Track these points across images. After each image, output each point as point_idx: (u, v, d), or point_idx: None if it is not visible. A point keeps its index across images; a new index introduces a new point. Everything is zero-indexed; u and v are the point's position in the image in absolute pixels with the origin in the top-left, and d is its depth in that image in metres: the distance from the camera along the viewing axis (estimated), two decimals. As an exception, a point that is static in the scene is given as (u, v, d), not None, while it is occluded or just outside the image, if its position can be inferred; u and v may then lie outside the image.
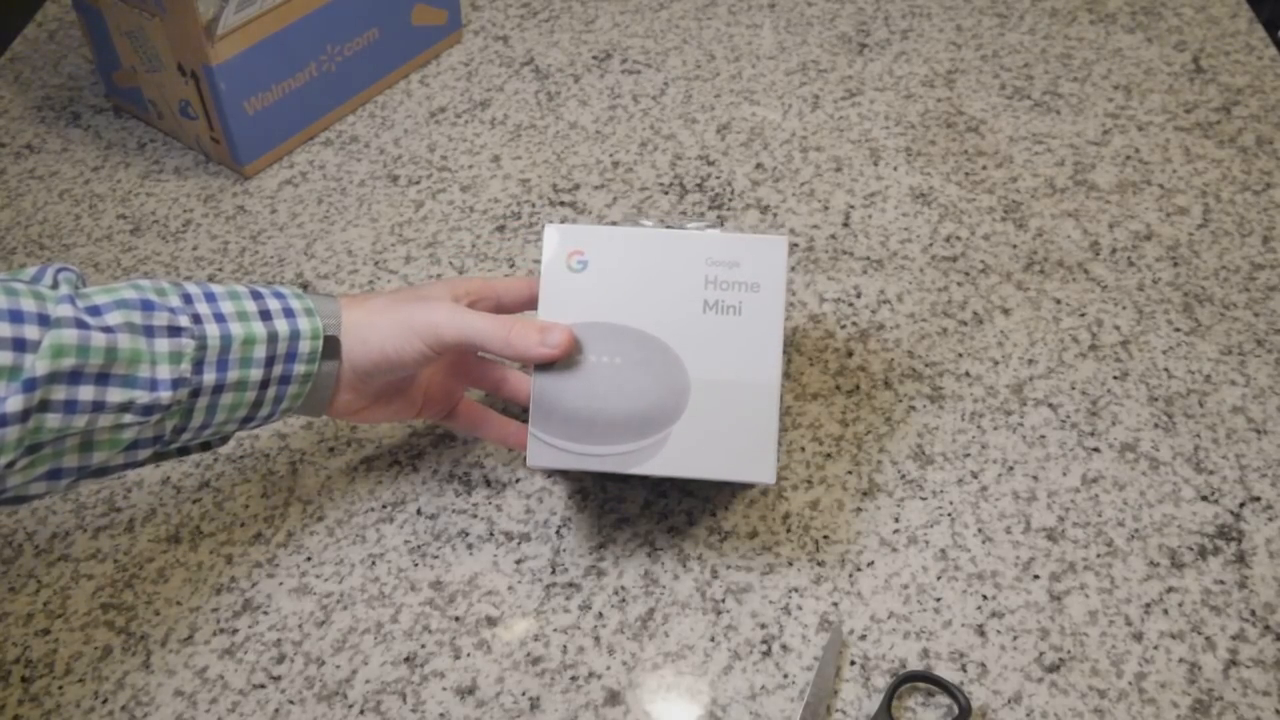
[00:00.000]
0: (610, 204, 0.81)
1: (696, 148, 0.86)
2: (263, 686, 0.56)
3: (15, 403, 0.44)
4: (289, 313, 0.52)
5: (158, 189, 0.84)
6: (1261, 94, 0.90)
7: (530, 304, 0.58)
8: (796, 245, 0.78)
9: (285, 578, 0.60)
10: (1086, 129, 0.87)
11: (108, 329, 0.46)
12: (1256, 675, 0.55)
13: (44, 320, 0.45)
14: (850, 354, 0.71)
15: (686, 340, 0.55)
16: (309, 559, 0.61)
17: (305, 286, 0.75)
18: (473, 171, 0.84)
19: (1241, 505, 0.63)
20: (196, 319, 0.49)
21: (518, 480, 0.64)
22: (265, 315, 0.51)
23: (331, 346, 0.54)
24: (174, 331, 0.48)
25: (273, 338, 0.51)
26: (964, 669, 0.56)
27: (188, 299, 0.50)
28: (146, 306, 0.48)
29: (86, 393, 0.46)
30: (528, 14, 1.00)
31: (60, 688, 0.56)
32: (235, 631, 0.58)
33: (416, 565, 0.60)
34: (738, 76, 0.92)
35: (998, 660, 0.56)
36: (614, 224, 0.79)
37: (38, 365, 0.44)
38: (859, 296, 0.74)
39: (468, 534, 0.62)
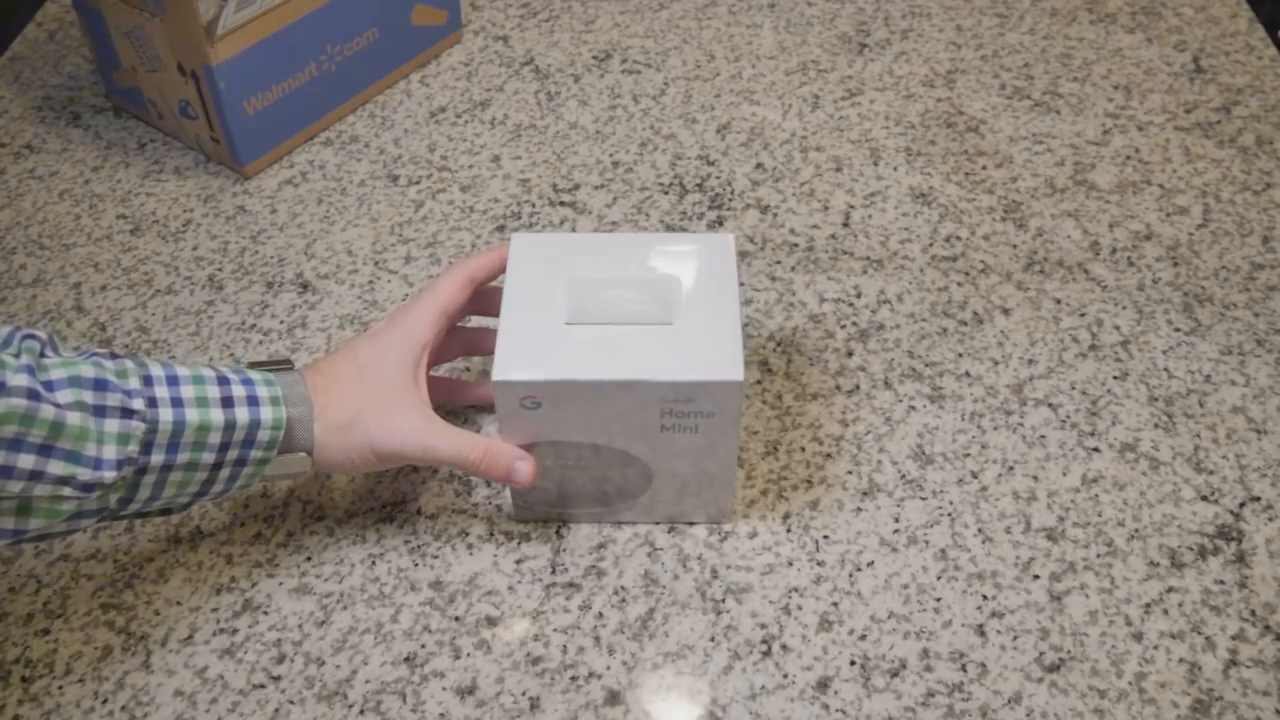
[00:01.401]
0: (610, 204, 0.81)
1: (696, 148, 0.86)
2: (263, 686, 0.56)
3: None
4: (253, 401, 0.52)
5: (158, 189, 0.84)
6: (1261, 94, 0.90)
7: (470, 293, 0.59)
8: (796, 245, 0.78)
9: (285, 578, 0.60)
10: (1086, 129, 0.87)
11: (58, 405, 0.46)
12: (1256, 675, 0.55)
13: None
14: (850, 354, 0.71)
15: (646, 449, 0.57)
16: (309, 559, 0.61)
17: (306, 285, 0.75)
18: (473, 171, 0.84)
19: (1241, 505, 0.63)
20: (152, 402, 0.49)
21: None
22: (227, 402, 0.51)
23: (303, 437, 0.54)
24: (125, 414, 0.48)
25: (229, 426, 0.51)
26: (964, 669, 0.56)
27: (148, 380, 0.50)
28: (100, 385, 0.48)
29: (26, 460, 0.45)
30: (528, 14, 1.00)
31: (60, 688, 0.56)
32: (235, 631, 0.58)
33: (416, 565, 0.60)
34: (738, 76, 0.92)
35: (998, 660, 0.56)
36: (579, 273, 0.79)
37: None
38: (859, 296, 0.74)
39: (468, 534, 0.62)
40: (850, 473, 0.64)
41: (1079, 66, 0.93)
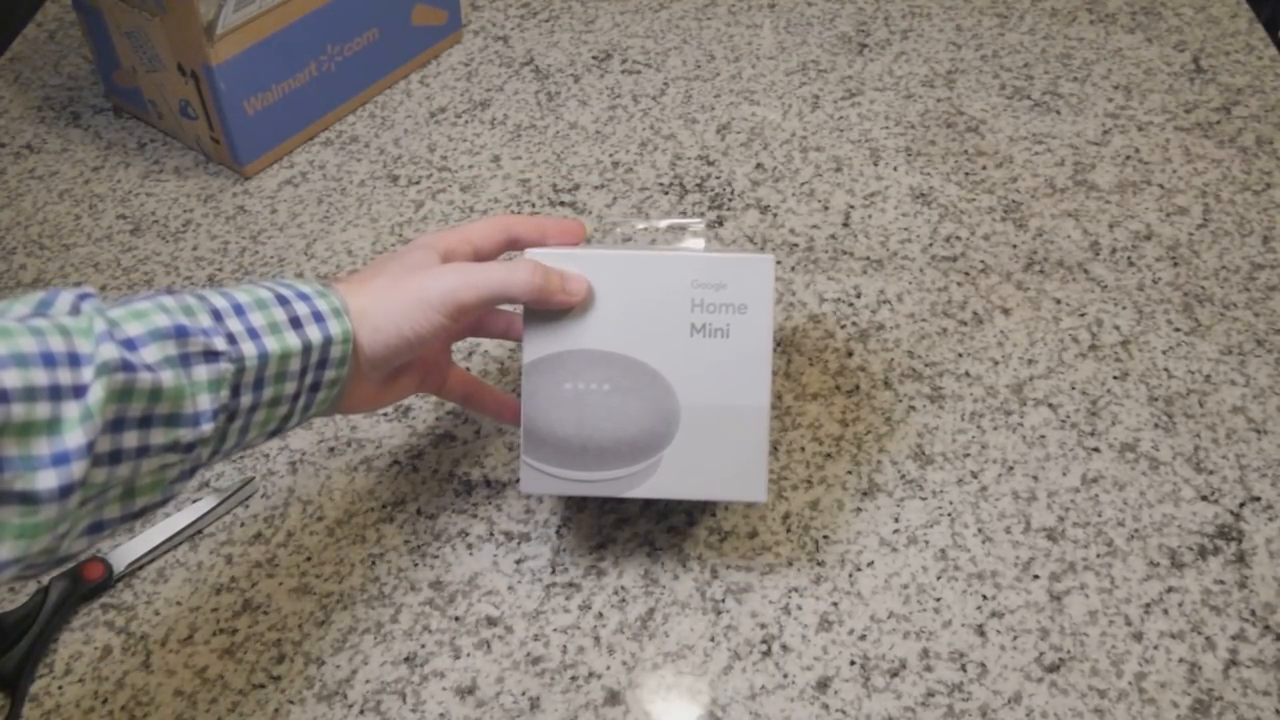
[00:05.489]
0: (610, 204, 0.81)
1: (696, 148, 0.86)
2: (263, 686, 0.56)
3: (80, 468, 0.39)
4: (318, 317, 0.49)
5: (158, 189, 0.84)
6: (1261, 94, 0.90)
7: (503, 246, 0.57)
8: (796, 245, 0.78)
9: (285, 578, 0.60)
10: (1086, 129, 0.87)
11: (149, 367, 0.42)
12: (1256, 675, 0.55)
13: (74, 360, 0.40)
14: (850, 354, 0.71)
15: (675, 365, 0.55)
16: (309, 559, 0.61)
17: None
18: (473, 171, 0.84)
19: (1241, 505, 0.63)
20: (231, 339, 0.45)
21: (518, 480, 0.64)
22: (296, 323, 0.48)
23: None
24: (210, 357, 0.44)
25: (307, 349, 0.48)
26: (964, 669, 0.56)
27: (217, 315, 0.46)
28: (180, 333, 0.44)
29: (130, 439, 0.41)
30: (528, 14, 1.00)
31: (60, 688, 0.56)
32: (235, 631, 0.58)
33: (416, 565, 0.60)
34: (738, 76, 0.92)
35: (998, 660, 0.56)
36: (601, 222, 0.79)
37: (98, 422, 0.39)
38: (859, 296, 0.74)
39: (468, 534, 0.62)
40: (850, 473, 0.64)
41: (1079, 66, 0.93)
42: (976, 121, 0.88)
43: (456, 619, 0.58)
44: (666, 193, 0.82)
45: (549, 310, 0.54)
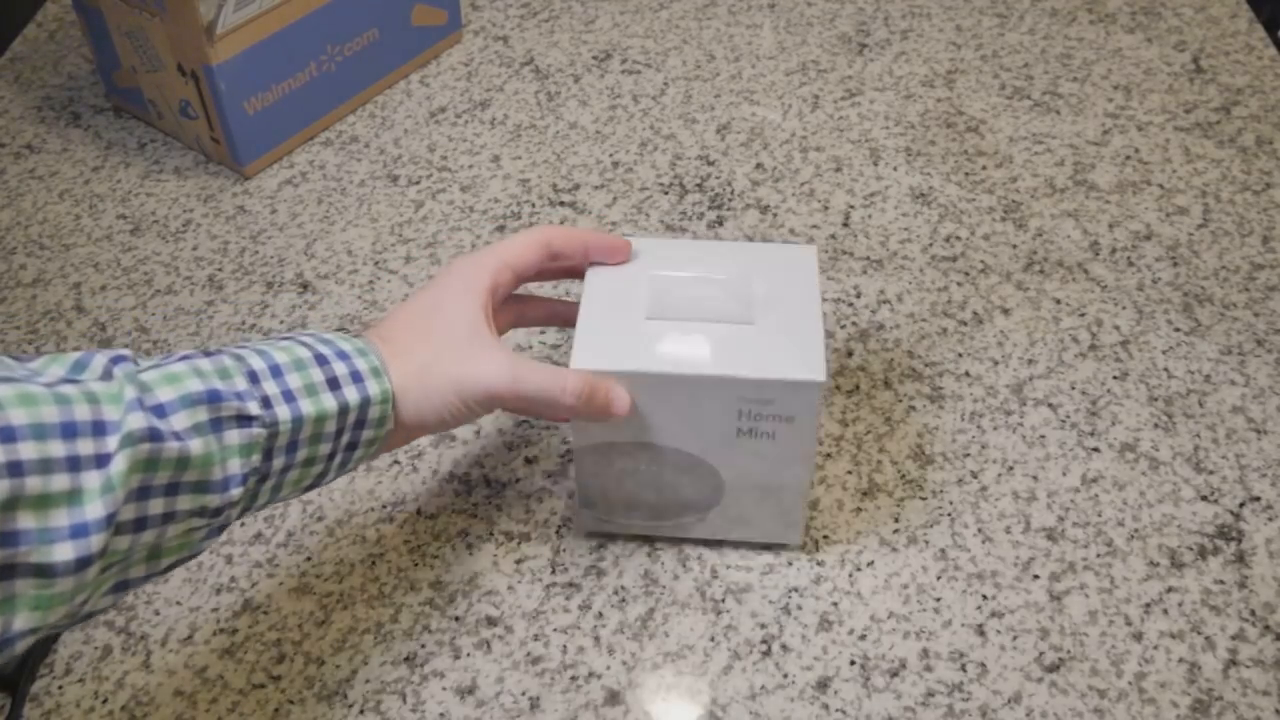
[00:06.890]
0: (610, 204, 0.81)
1: (696, 148, 0.86)
2: (263, 686, 0.56)
3: (99, 541, 0.39)
4: (356, 377, 0.48)
5: (158, 189, 0.84)
6: (1261, 94, 0.90)
7: (543, 260, 0.56)
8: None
9: (285, 578, 0.60)
10: (1086, 129, 0.87)
11: (177, 435, 0.42)
12: (1256, 675, 0.55)
13: (100, 429, 0.39)
14: (850, 354, 0.71)
15: (720, 457, 0.56)
16: (309, 559, 0.61)
17: (306, 285, 0.75)
18: (473, 171, 0.84)
19: (1241, 505, 0.63)
20: (265, 402, 0.45)
21: (518, 480, 0.64)
22: (333, 384, 0.47)
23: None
24: (243, 421, 0.44)
25: (344, 410, 0.47)
26: (964, 669, 0.56)
27: (254, 377, 0.45)
28: (213, 398, 0.43)
29: (156, 506, 0.41)
30: (528, 14, 1.00)
31: (60, 688, 0.56)
32: (235, 631, 0.58)
33: (416, 565, 0.60)
34: (738, 76, 0.92)
35: (998, 660, 0.56)
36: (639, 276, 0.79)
37: (119, 495, 0.39)
38: (859, 296, 0.74)
39: (468, 534, 0.62)
40: (850, 473, 0.64)
41: (1079, 66, 0.93)
42: (976, 121, 0.88)
43: (456, 619, 0.58)
44: (666, 193, 0.82)
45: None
